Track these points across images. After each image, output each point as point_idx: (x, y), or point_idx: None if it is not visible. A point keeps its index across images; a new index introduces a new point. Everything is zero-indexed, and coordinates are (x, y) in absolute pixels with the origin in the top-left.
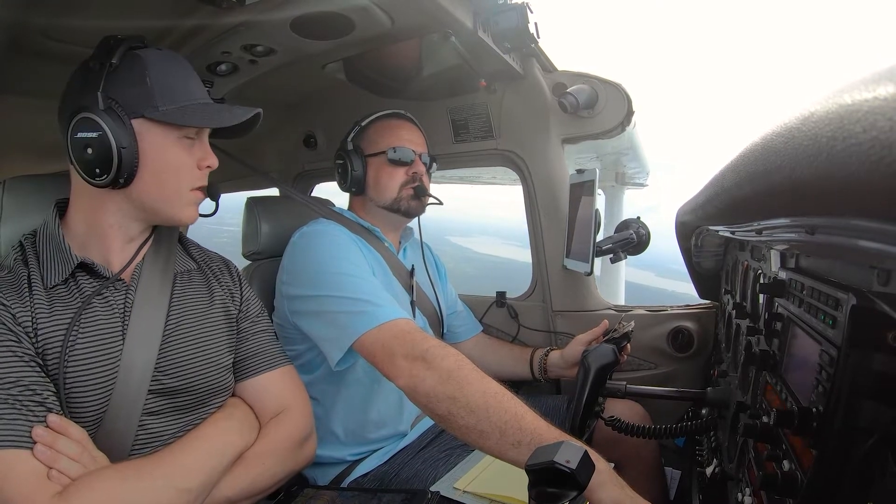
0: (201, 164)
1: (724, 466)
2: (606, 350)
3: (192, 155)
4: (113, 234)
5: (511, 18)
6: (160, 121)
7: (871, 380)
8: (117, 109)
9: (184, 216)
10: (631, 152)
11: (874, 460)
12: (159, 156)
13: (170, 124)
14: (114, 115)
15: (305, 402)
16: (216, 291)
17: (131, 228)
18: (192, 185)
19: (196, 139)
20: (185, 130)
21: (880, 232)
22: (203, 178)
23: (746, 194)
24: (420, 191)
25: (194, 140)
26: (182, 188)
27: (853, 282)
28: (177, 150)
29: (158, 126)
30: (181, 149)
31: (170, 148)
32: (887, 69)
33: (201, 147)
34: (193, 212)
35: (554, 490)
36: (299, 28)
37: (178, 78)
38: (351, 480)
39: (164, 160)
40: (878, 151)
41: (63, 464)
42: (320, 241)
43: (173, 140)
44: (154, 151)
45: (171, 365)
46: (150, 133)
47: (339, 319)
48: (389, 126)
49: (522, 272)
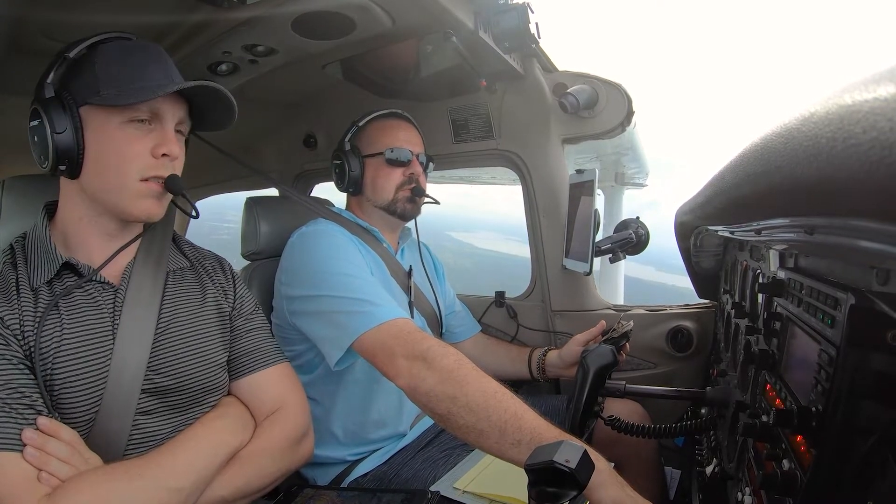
0: (156, 152)
1: (724, 466)
2: (605, 351)
3: (145, 142)
4: (84, 229)
5: (512, 18)
6: (101, 105)
7: (870, 379)
8: (66, 98)
9: (135, 209)
10: (631, 152)
11: (874, 459)
12: (102, 142)
13: (112, 109)
14: (59, 103)
15: (302, 400)
16: (209, 289)
17: (102, 224)
18: (141, 174)
19: (154, 125)
20: (130, 114)
21: (880, 232)
22: (158, 168)
23: (746, 194)
24: (417, 192)
25: (151, 126)
26: (128, 177)
27: (852, 281)
28: (120, 136)
29: (102, 112)
30: (126, 135)
31: (112, 133)
32: (887, 69)
33: (161, 134)
34: (149, 206)
35: (554, 489)
36: (300, 28)
37: (129, 64)
38: (351, 480)
39: (106, 146)
40: (878, 152)
41: (53, 466)
42: (319, 241)
43: (116, 125)
44: (97, 137)
45: (163, 364)
46: (95, 120)
47: (339, 319)
48: (387, 126)
49: (521, 267)
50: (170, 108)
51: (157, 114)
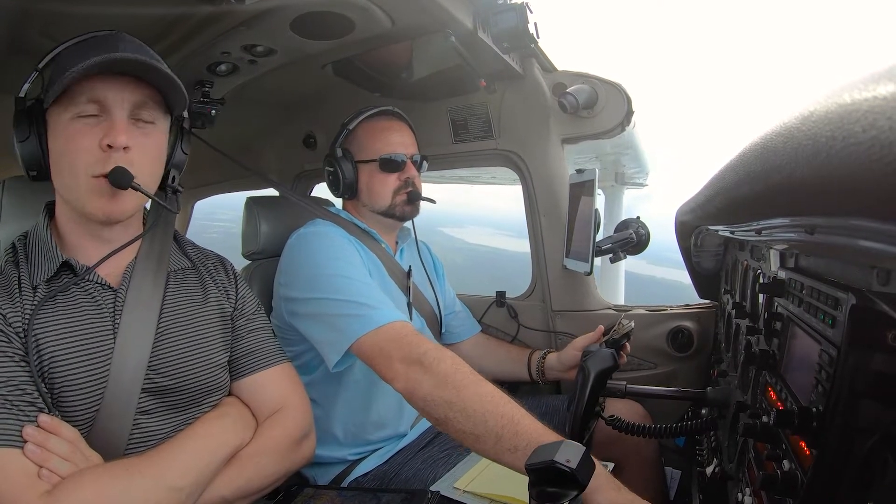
0: (101, 144)
1: (724, 466)
2: (606, 354)
3: (93, 135)
4: (76, 230)
5: (511, 18)
6: (54, 105)
7: (870, 379)
8: (34, 107)
9: (90, 209)
10: (630, 152)
11: (874, 460)
12: (56, 142)
13: (60, 106)
14: (30, 112)
15: (303, 400)
16: (210, 289)
17: (87, 225)
18: (90, 170)
19: (104, 117)
20: (74, 108)
21: (880, 232)
22: (105, 162)
23: (746, 194)
24: (413, 196)
25: (100, 118)
26: (77, 175)
27: (853, 281)
28: (69, 133)
29: (55, 111)
30: (74, 130)
31: (62, 131)
32: (887, 69)
33: (109, 125)
34: (103, 204)
35: (554, 489)
36: (299, 28)
37: (77, 56)
38: (351, 480)
39: (59, 146)
40: (878, 151)
41: (54, 463)
42: (317, 243)
43: (65, 122)
44: (53, 138)
45: (164, 363)
46: (52, 120)
47: (336, 322)
48: (378, 129)
49: (511, 261)
50: (116, 93)
51: (102, 103)
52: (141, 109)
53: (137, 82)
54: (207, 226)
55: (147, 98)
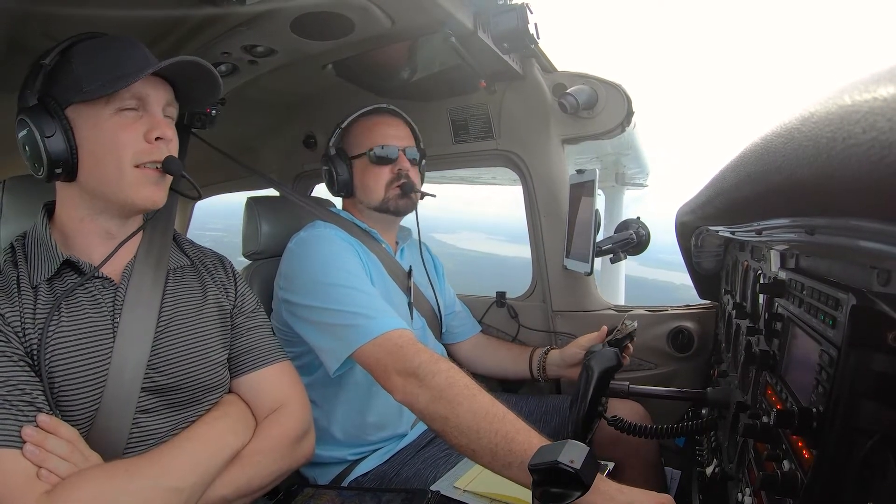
0: (149, 137)
1: (724, 466)
2: (609, 353)
3: (136, 129)
4: (86, 228)
5: (511, 19)
6: (87, 101)
7: (871, 380)
8: (49, 104)
9: (137, 197)
10: (631, 152)
11: (874, 460)
12: (94, 136)
13: (99, 102)
14: (43, 109)
15: (303, 398)
16: (210, 287)
17: (103, 222)
18: (136, 160)
19: (142, 112)
20: (117, 104)
21: (880, 232)
22: (153, 153)
23: (746, 195)
24: (406, 188)
25: (139, 113)
26: (123, 165)
27: (853, 282)
28: (111, 126)
29: (89, 107)
30: (117, 124)
31: (103, 125)
32: (887, 70)
33: (150, 119)
34: (151, 192)
35: (558, 490)
36: (299, 28)
37: (106, 57)
38: (351, 480)
39: (99, 139)
40: (878, 152)
41: (53, 463)
42: (316, 248)
43: (107, 116)
44: (89, 133)
45: (163, 362)
46: (83, 117)
47: (335, 332)
48: (370, 124)
49: (502, 266)
50: (153, 91)
51: (143, 99)
52: (169, 106)
53: (164, 82)
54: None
55: (172, 97)
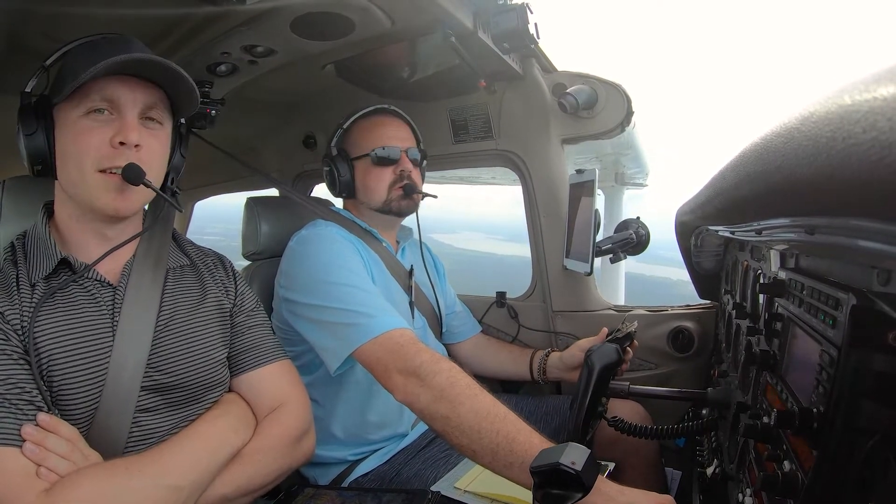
0: (113, 141)
1: (725, 467)
2: (610, 349)
3: (103, 133)
4: (79, 227)
5: (511, 19)
6: (64, 101)
7: (871, 380)
8: (39, 103)
9: (97, 203)
10: (631, 152)
11: (875, 461)
12: (65, 137)
13: (71, 103)
14: (36, 109)
15: (303, 397)
16: (209, 286)
17: (90, 222)
18: (98, 165)
19: (115, 115)
20: (87, 104)
21: (880, 232)
22: (114, 157)
23: (746, 194)
24: (409, 189)
25: (111, 116)
26: (84, 169)
27: (853, 282)
28: (79, 129)
29: (66, 108)
30: (84, 127)
31: (73, 126)
32: (887, 69)
33: (120, 122)
34: (111, 199)
35: (559, 492)
36: (299, 28)
37: (86, 59)
38: (351, 480)
39: (69, 142)
40: (878, 151)
41: (52, 461)
42: (318, 246)
43: (76, 118)
44: (61, 134)
45: (163, 360)
46: (60, 117)
47: (336, 330)
48: (372, 125)
49: (498, 265)
50: (128, 93)
51: (114, 101)
52: (151, 110)
53: (147, 84)
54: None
55: (157, 100)
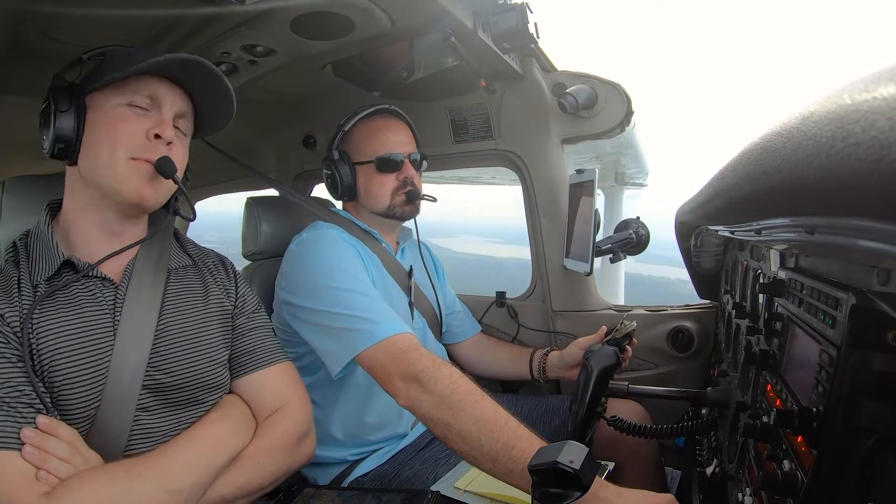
0: (149, 134)
1: (725, 466)
2: (608, 352)
3: (140, 124)
4: (86, 221)
5: (511, 19)
6: (103, 89)
7: (871, 379)
8: (73, 88)
9: (124, 189)
10: (630, 152)
11: (875, 460)
12: (98, 121)
13: (111, 92)
14: (66, 89)
15: (304, 399)
16: (211, 287)
17: (102, 215)
18: (131, 153)
19: (153, 112)
20: (129, 97)
21: (880, 232)
22: (149, 149)
23: (746, 194)
24: (412, 196)
25: (149, 113)
26: (116, 154)
27: (853, 281)
28: (115, 116)
29: (103, 96)
30: (121, 115)
31: (109, 113)
32: (887, 69)
33: (158, 119)
34: (139, 185)
35: (557, 490)
36: (299, 28)
37: (128, 56)
38: (351, 480)
39: (102, 126)
40: (878, 151)
41: (52, 464)
42: (318, 250)
43: (114, 106)
44: (95, 118)
45: (164, 361)
46: (95, 104)
47: (338, 335)
48: (374, 129)
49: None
50: (168, 94)
51: (156, 99)
52: (180, 119)
53: (184, 93)
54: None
55: (188, 111)
